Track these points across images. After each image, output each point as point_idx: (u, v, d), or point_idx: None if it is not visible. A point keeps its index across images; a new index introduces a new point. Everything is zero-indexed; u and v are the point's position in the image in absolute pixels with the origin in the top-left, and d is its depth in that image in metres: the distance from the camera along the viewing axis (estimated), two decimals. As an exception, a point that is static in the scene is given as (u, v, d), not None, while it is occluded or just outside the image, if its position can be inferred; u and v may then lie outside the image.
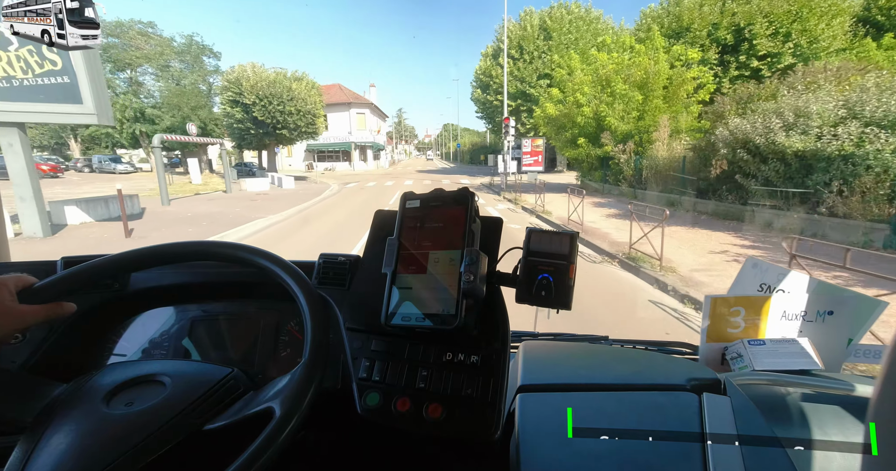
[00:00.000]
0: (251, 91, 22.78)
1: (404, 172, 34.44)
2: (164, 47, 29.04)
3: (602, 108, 13.00)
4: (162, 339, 0.78)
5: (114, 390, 0.49)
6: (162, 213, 11.28)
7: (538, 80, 25.09)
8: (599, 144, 13.65)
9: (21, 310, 0.50)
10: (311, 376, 0.48)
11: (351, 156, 41.45)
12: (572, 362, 0.76)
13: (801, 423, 0.54)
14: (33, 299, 0.51)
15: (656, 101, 12.86)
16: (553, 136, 15.98)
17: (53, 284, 0.53)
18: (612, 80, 13.14)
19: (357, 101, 41.13)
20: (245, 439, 0.41)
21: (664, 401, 0.58)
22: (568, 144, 15.18)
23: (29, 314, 0.51)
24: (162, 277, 0.81)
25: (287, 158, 43.52)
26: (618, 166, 13.16)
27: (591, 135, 14.00)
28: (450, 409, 0.55)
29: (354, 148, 41.24)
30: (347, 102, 40.40)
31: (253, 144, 25.98)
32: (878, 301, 0.77)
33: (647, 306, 4.27)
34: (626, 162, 12.74)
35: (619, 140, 13.16)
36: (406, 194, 0.64)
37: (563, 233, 0.61)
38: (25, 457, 0.41)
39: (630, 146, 12.50)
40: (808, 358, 0.74)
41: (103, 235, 8.00)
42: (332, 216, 10.99)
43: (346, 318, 0.68)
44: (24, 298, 0.51)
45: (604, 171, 14.57)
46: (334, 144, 41.13)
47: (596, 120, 13.51)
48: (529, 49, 24.86)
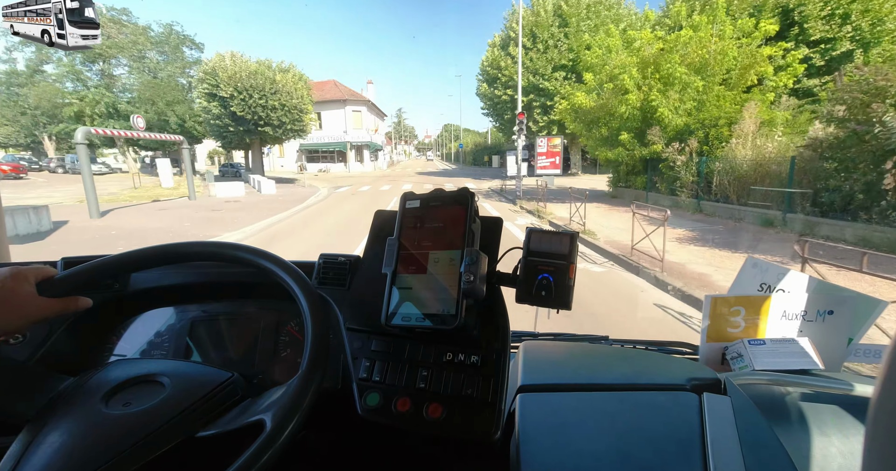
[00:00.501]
0: (228, 83, 20.01)
1: (403, 174, 31.73)
2: (138, 36, 26.34)
3: (654, 96, 10.21)
4: (162, 339, 0.78)
5: (114, 388, 0.49)
6: (83, 229, 8.63)
7: (553, 72, 22.36)
8: (645, 141, 10.92)
9: (40, 302, 0.51)
10: (307, 387, 0.47)
11: (346, 156, 38.69)
12: (572, 362, 0.76)
13: (801, 423, 0.54)
14: (52, 292, 0.52)
15: (717, 87, 10.17)
16: (583, 133, 13.12)
17: (72, 277, 0.54)
18: (661, 62, 10.42)
19: (353, 98, 38.36)
20: (236, 449, 0.41)
21: (664, 401, 0.58)
22: (603, 142, 12.34)
23: (46, 306, 0.51)
24: (162, 278, 0.80)
25: (279, 158, 40.84)
26: (670, 170, 10.38)
27: (635, 130, 11.22)
28: (450, 409, 0.56)
29: (350, 148, 38.45)
30: (343, 99, 37.65)
31: (234, 143, 23.22)
32: (878, 301, 0.77)
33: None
34: (685, 165, 9.94)
35: (671, 137, 10.44)
36: (406, 194, 0.64)
37: (564, 233, 0.60)
38: (20, 454, 0.41)
39: (692, 144, 9.71)
40: (808, 358, 0.75)
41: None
42: (305, 235, 8.30)
43: (347, 318, 0.68)
44: (43, 290, 0.51)
45: (648, 175, 11.74)
46: (328, 144, 38.35)
47: (642, 112, 10.76)
48: (543, 37, 22.14)
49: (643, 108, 10.67)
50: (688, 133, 10.13)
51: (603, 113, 11.75)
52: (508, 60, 23.39)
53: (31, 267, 0.52)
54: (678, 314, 3.87)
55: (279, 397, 0.47)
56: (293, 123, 22.17)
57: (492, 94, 24.97)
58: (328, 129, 38.53)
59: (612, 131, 11.72)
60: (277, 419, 0.43)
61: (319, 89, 40.48)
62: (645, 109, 10.64)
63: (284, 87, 21.19)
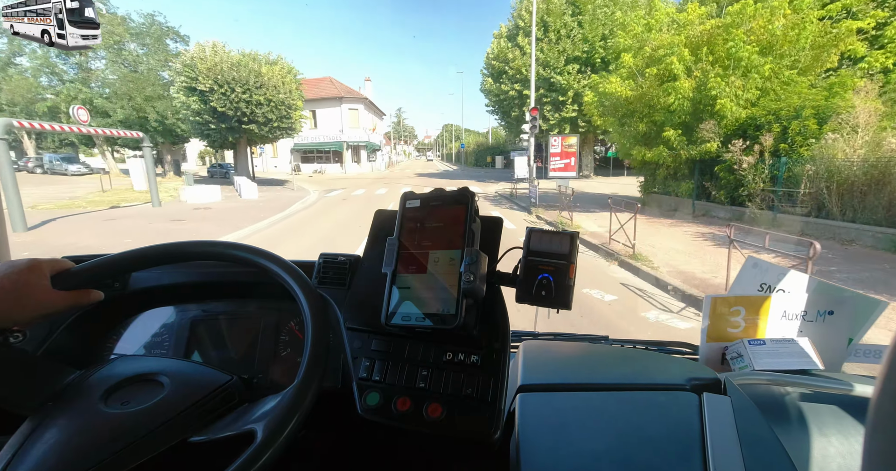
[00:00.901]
0: (207, 75, 18.04)
1: (402, 176, 29.77)
2: (116, 26, 24.35)
3: (713, 83, 8.17)
4: (162, 338, 0.77)
5: (115, 386, 0.49)
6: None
7: (566, 65, 20.39)
8: (694, 139, 8.94)
9: (53, 294, 0.51)
10: (302, 398, 0.46)
11: (343, 157, 36.68)
12: (572, 361, 0.75)
13: (801, 423, 0.54)
14: (65, 284, 0.52)
15: (787, 71, 8.25)
16: (615, 129, 11.08)
17: (86, 271, 0.54)
18: (718, 40, 8.46)
19: (350, 95, 36.36)
20: (226, 456, 0.40)
21: (664, 401, 0.58)
22: (639, 140, 10.32)
23: (59, 299, 0.51)
24: (162, 277, 0.79)
25: (273, 158, 38.81)
26: (730, 174, 8.38)
27: (682, 125, 9.22)
28: (450, 409, 0.56)
29: (347, 148, 36.43)
30: (339, 97, 35.65)
31: (218, 142, 21.25)
32: (878, 301, 0.77)
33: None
34: (753, 167, 7.91)
35: (729, 133, 8.49)
36: (406, 194, 0.64)
37: (564, 232, 0.60)
38: (16, 448, 0.41)
39: (766, 141, 7.65)
40: (808, 358, 0.75)
41: None
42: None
43: (347, 317, 0.68)
44: (57, 282, 0.52)
45: (696, 180, 9.70)
46: (324, 144, 36.31)
47: (694, 103, 8.77)
48: (556, 26, 20.20)
49: (697, 98, 8.65)
50: (753, 128, 8.14)
51: (642, 104, 9.74)
52: (517, 52, 21.40)
53: (47, 259, 0.53)
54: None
55: (273, 406, 0.46)
56: (281, 121, 20.18)
57: (497, 89, 22.90)
58: (323, 128, 36.49)
59: (653, 127, 9.72)
60: (268, 431, 0.42)
61: (314, 87, 38.48)
62: (698, 100, 8.62)
63: (271, 80, 19.20)
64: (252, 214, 10.65)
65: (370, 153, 40.25)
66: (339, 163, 36.98)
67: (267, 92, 19.15)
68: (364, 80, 44.92)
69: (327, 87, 37.26)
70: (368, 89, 43.51)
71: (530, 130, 13.82)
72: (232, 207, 12.02)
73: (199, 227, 9.02)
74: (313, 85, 38.87)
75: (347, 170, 36.41)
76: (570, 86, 19.36)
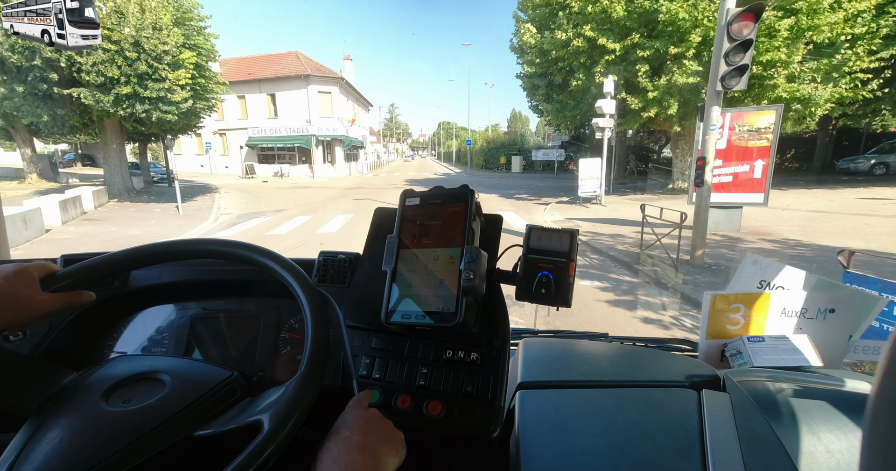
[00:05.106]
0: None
1: (388, 185, 20.41)
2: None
3: None
4: (162, 336, 0.77)
5: (115, 385, 0.49)
6: None
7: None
8: None
9: (43, 297, 0.50)
10: (307, 387, 0.47)
11: (311, 155, 27.31)
12: (572, 359, 0.75)
13: (799, 419, 0.54)
14: (55, 287, 0.52)
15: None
16: None
17: (74, 272, 0.53)
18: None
19: (320, 74, 26.83)
20: (233, 449, 0.41)
21: (664, 398, 0.58)
22: None
23: (49, 302, 0.51)
24: (161, 275, 0.78)
25: (222, 156, 29.33)
26: None
27: None
28: (450, 406, 0.56)
29: (316, 144, 26.95)
30: (305, 75, 26.20)
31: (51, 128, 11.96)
32: (877, 297, 0.78)
33: None
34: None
35: None
36: (406, 192, 0.64)
37: (564, 230, 0.60)
38: (20, 449, 0.41)
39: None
40: (806, 355, 0.74)
41: None
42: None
43: (347, 315, 0.68)
44: (46, 285, 0.51)
45: None
46: (285, 138, 26.70)
47: None
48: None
49: None
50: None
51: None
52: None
53: (34, 263, 0.52)
54: None
55: (278, 397, 0.47)
56: (158, 91, 10.90)
57: (550, 41, 13.56)
58: (285, 117, 27.07)
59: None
60: (275, 421, 0.43)
61: (275, 63, 28.84)
62: None
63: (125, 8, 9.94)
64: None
65: (349, 151, 30.78)
66: (306, 163, 27.59)
67: (119, 33, 9.85)
68: (343, 58, 35.43)
69: (291, 62, 27.85)
70: (349, 70, 33.99)
71: (721, 80, 4.86)
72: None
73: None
74: (274, 61, 29.18)
75: (317, 173, 27.01)
76: (699, 23, 10.29)
